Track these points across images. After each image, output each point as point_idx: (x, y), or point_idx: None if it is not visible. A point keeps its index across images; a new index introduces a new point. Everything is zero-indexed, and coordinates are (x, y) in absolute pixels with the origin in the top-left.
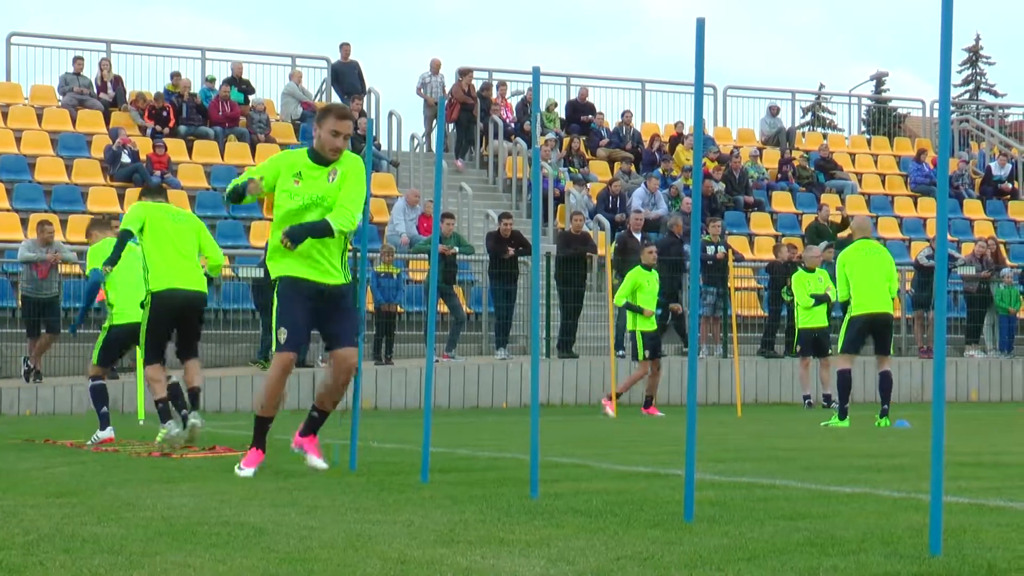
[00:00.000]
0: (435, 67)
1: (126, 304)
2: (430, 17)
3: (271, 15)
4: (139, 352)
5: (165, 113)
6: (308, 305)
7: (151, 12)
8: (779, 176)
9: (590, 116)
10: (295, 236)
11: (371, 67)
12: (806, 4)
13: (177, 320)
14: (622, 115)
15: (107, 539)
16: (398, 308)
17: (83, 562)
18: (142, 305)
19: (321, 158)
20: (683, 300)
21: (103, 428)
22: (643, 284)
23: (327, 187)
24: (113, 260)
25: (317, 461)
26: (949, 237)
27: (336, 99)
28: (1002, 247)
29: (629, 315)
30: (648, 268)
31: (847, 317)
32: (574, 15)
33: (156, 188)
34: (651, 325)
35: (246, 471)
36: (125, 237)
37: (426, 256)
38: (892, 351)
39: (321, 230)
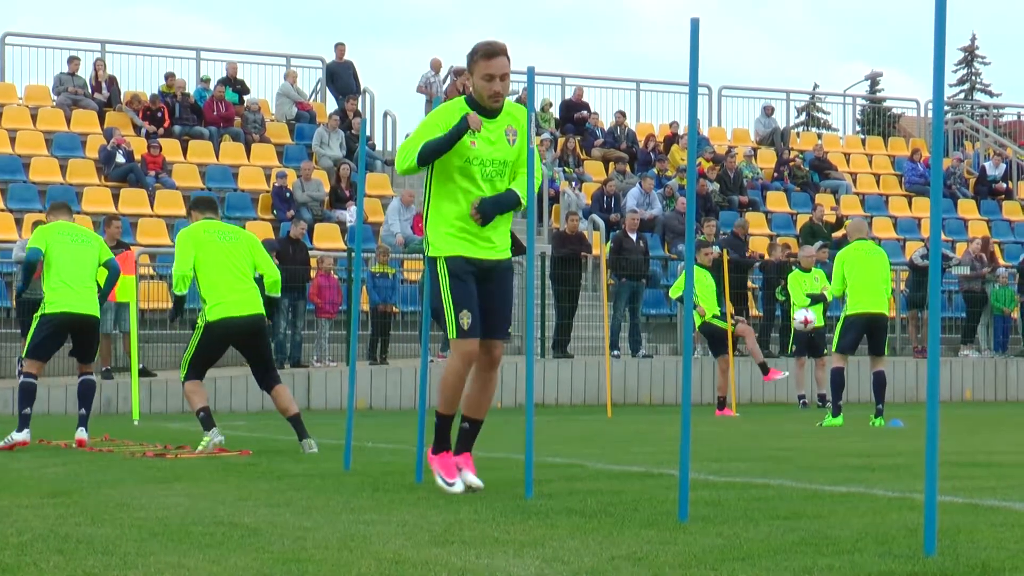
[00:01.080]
0: (436, 66)
1: (61, 294)
2: (425, 16)
3: (266, 15)
4: (133, 355)
5: (160, 114)
6: (476, 286)
7: (146, 12)
8: (774, 176)
9: (584, 113)
10: (486, 213)
11: (366, 67)
12: (800, 4)
13: (236, 345)
14: (615, 115)
15: (101, 539)
16: (393, 308)
17: (77, 562)
18: (194, 325)
19: (485, 110)
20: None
21: (20, 430)
22: (699, 281)
23: (509, 150)
24: (19, 291)
25: (473, 479)
26: (943, 237)
27: (331, 99)
28: (996, 246)
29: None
30: (703, 268)
31: (843, 316)
32: (564, 14)
33: (206, 202)
34: (712, 322)
35: (455, 485)
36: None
37: (421, 256)
38: (887, 351)
39: (511, 203)
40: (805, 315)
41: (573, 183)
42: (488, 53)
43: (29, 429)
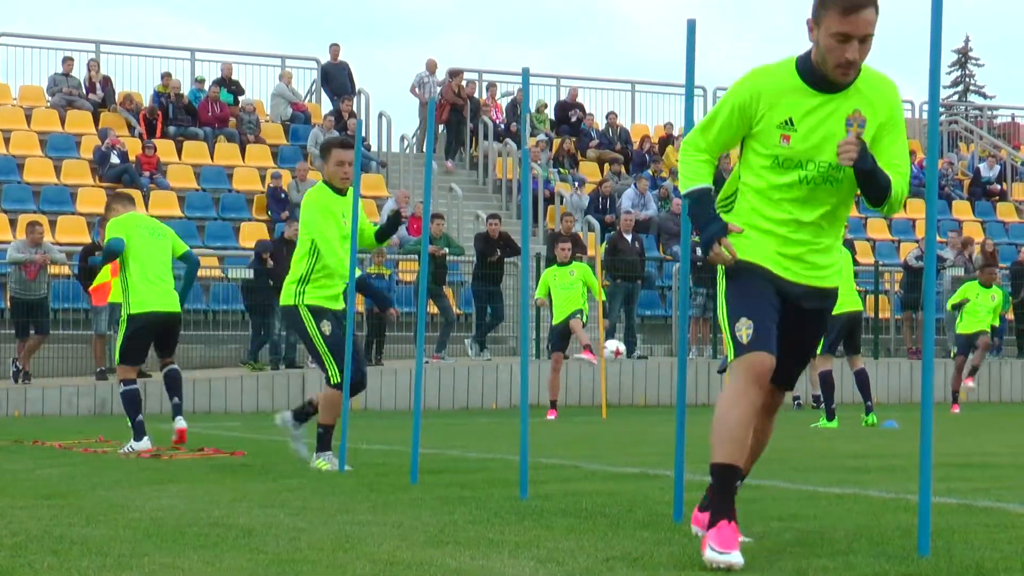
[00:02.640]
0: (431, 67)
1: (146, 292)
2: (420, 17)
3: (260, 16)
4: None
5: (155, 122)
6: (777, 300)
7: (140, 13)
8: None
9: (577, 112)
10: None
11: (361, 68)
12: (794, 5)
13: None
14: (607, 116)
15: (96, 541)
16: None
17: (71, 564)
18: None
19: (825, 80)
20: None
21: (139, 438)
22: (551, 281)
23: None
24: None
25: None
26: (938, 238)
27: (326, 100)
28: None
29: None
30: (562, 264)
31: None
32: (558, 16)
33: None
34: (560, 318)
35: (727, 556)
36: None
37: (416, 257)
38: (880, 353)
39: (875, 174)
40: (617, 346)
41: (576, 185)
42: (849, 5)
43: (148, 436)
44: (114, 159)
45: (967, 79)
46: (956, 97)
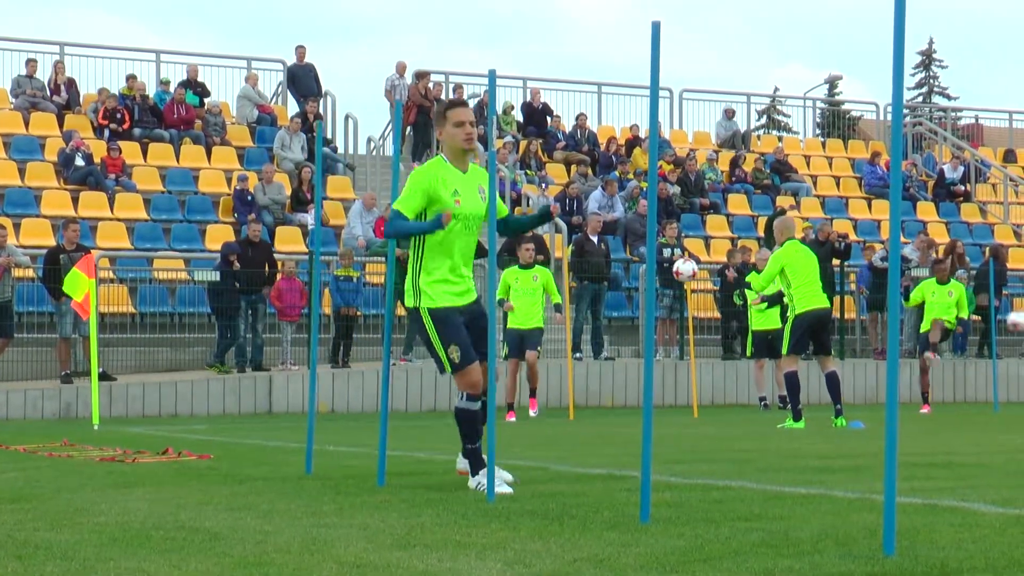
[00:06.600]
0: (400, 69)
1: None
2: (386, 19)
3: (226, 18)
4: (93, 359)
5: (120, 115)
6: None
7: (104, 15)
8: (734, 179)
9: (541, 102)
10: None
11: (327, 69)
12: (759, 6)
13: None
14: (577, 118)
15: (60, 545)
16: (356, 311)
17: (36, 568)
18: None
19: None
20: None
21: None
22: (512, 283)
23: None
24: None
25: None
26: (903, 239)
27: (292, 102)
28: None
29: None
30: (525, 267)
31: (791, 318)
32: (519, 18)
33: None
34: (520, 323)
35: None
36: None
37: (383, 259)
38: (845, 353)
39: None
40: (693, 269)
41: (543, 187)
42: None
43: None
44: (79, 161)
45: (931, 81)
46: (920, 99)
